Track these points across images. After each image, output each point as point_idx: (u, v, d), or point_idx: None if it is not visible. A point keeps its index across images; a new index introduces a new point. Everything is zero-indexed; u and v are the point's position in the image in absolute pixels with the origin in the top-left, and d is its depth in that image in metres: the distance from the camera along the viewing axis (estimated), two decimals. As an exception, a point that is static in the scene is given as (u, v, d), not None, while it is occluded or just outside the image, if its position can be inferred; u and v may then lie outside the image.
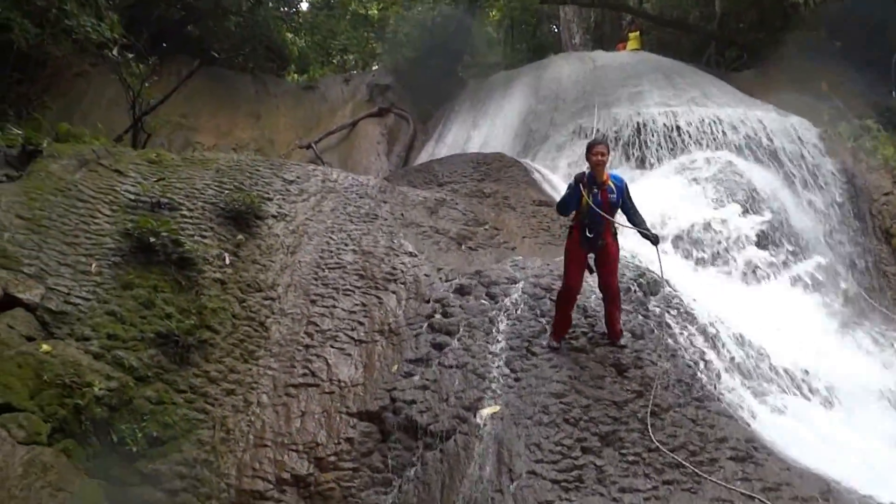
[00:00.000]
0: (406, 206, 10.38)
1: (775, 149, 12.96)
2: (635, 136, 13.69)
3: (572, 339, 6.68)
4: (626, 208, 6.48)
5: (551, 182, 13.11)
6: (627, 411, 5.88)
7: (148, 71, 13.13)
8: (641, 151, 13.41)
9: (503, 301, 7.32)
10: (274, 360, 7.18)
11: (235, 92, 20.01)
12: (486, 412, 5.92)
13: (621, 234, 6.82)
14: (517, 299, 7.31)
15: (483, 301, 7.42)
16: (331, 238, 8.95)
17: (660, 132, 13.47)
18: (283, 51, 23.08)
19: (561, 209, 6.72)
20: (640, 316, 7.13)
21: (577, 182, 6.34)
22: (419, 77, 21.07)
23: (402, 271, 8.30)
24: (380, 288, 8.08)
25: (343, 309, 7.79)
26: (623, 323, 6.70)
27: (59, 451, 5.55)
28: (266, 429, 6.50)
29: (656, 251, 6.61)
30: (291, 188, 9.82)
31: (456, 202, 11.07)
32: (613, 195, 6.34)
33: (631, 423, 5.76)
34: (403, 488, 5.75)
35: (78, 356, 6.17)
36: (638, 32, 21.18)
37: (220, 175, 9.41)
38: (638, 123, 13.84)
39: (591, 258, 6.52)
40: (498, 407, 5.95)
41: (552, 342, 6.58)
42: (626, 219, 6.51)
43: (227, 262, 8.03)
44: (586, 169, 6.43)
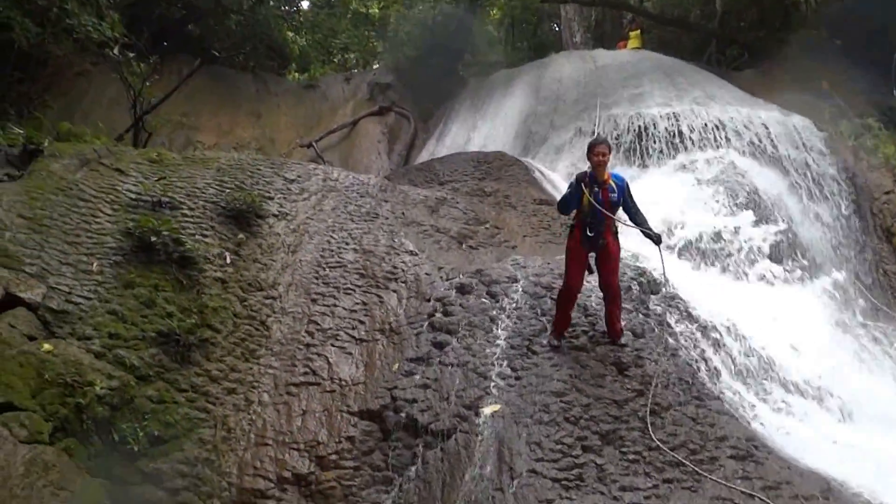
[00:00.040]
0: (407, 204, 10.38)
1: (780, 156, 12.63)
2: (636, 139, 13.58)
3: (573, 337, 6.69)
4: (627, 207, 6.47)
5: (552, 181, 13.10)
6: (628, 410, 5.89)
7: (149, 70, 13.14)
8: (642, 154, 13.27)
9: (504, 300, 7.33)
10: (275, 358, 7.20)
11: (236, 91, 19.99)
12: (486, 411, 5.93)
13: (623, 234, 6.82)
14: (518, 298, 7.32)
15: (484, 300, 7.43)
16: (332, 237, 8.96)
17: (661, 134, 13.35)
18: (283, 49, 23.03)
19: (562, 208, 6.71)
20: (641, 315, 7.13)
21: (578, 181, 6.33)
22: (420, 76, 21.04)
23: (403, 270, 8.31)
24: (381, 287, 8.09)
25: (344, 308, 7.80)
26: (623, 322, 6.71)
27: (61, 450, 5.56)
28: (267, 427, 6.51)
29: (658, 251, 6.62)
30: (292, 187, 9.83)
31: (457, 201, 11.07)
32: (614, 194, 6.34)
33: (631, 422, 5.77)
34: (404, 487, 5.76)
35: (79, 355, 6.18)
36: (639, 31, 21.12)
37: (221, 174, 9.42)
38: (640, 128, 13.72)
39: (591, 257, 6.52)
40: (498, 405, 5.96)
41: (553, 341, 6.59)
42: (627, 218, 6.51)
43: (228, 260, 8.04)
44: (587, 168, 6.43)
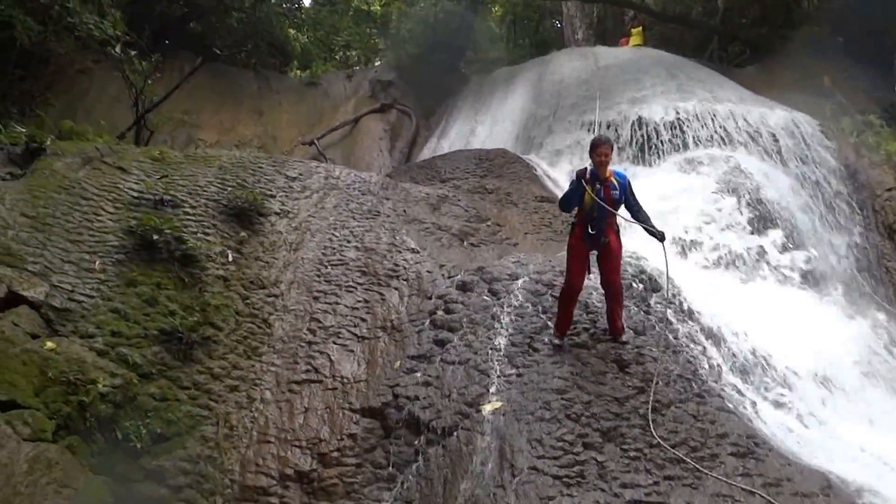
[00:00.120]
0: (408, 202, 10.39)
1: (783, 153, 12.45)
2: (636, 136, 13.52)
3: (574, 335, 6.69)
4: (629, 205, 6.45)
5: (553, 178, 13.09)
6: (629, 407, 5.89)
7: (150, 68, 13.14)
8: (643, 152, 13.18)
9: (505, 297, 7.33)
10: (277, 356, 7.21)
11: (238, 88, 19.99)
12: (488, 408, 5.94)
13: (626, 234, 6.81)
14: (519, 295, 7.32)
15: (485, 297, 7.44)
16: (333, 235, 8.97)
17: (663, 131, 13.29)
18: (285, 47, 23.02)
19: (563, 205, 6.70)
20: (642, 312, 7.13)
21: (580, 178, 6.32)
22: (422, 73, 21.02)
23: (405, 268, 8.32)
24: (382, 284, 8.10)
25: (346, 305, 7.81)
26: (624, 319, 6.71)
27: (64, 447, 5.59)
28: (269, 425, 6.54)
29: (662, 248, 6.59)
30: (294, 185, 9.84)
31: (458, 198, 11.07)
32: (616, 191, 6.33)
33: (632, 419, 5.77)
34: (406, 484, 5.77)
35: (82, 353, 6.21)
36: (640, 28, 21.08)
37: (222, 172, 9.44)
38: (641, 130, 13.62)
39: (593, 255, 6.52)
40: (500, 403, 5.97)
41: (555, 340, 6.58)
42: (629, 216, 6.50)
43: (230, 259, 8.06)
44: (589, 165, 6.43)
